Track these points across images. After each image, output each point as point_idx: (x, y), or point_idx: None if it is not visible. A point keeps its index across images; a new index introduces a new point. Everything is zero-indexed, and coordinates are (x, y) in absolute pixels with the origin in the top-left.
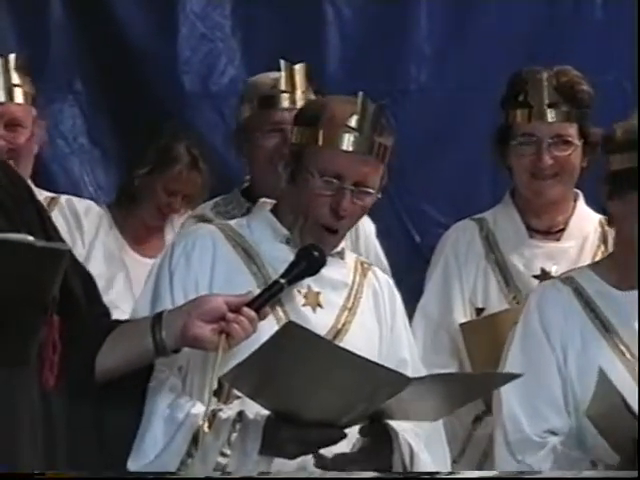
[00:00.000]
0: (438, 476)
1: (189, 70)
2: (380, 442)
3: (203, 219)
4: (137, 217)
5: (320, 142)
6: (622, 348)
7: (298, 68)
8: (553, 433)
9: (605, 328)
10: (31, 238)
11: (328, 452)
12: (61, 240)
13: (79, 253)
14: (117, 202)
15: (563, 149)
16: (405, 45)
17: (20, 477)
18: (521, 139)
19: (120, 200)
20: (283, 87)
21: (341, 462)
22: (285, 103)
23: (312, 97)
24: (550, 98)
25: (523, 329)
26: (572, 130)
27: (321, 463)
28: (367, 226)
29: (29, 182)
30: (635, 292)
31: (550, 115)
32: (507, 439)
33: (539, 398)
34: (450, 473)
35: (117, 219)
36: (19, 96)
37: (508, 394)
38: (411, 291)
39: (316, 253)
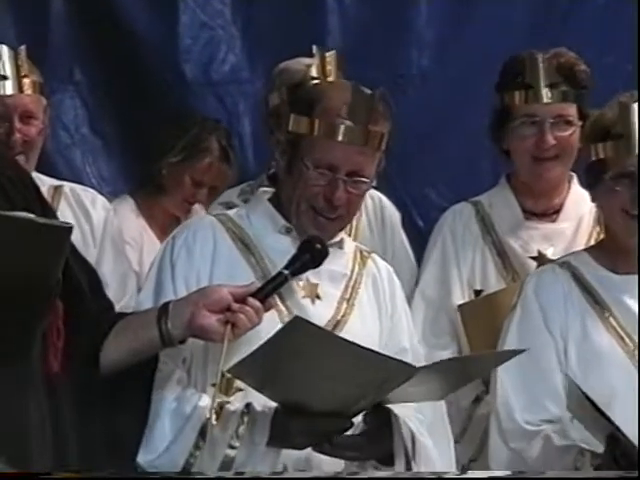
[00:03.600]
0: (446, 476)
1: (190, 58)
2: (381, 427)
3: (229, 206)
4: (161, 206)
5: (315, 132)
6: (621, 333)
7: (329, 55)
8: (550, 422)
9: (604, 312)
10: (32, 215)
11: None
12: None
13: (89, 248)
14: (142, 190)
15: (564, 129)
16: (406, 30)
17: (24, 477)
18: (522, 120)
19: (146, 188)
20: (314, 74)
21: (341, 447)
22: None
23: None
24: (550, 79)
25: (521, 315)
26: (572, 110)
27: (320, 448)
28: (394, 215)
29: (35, 173)
30: (632, 276)
31: (550, 95)
32: (500, 426)
33: (537, 387)
34: (459, 473)
35: (142, 207)
36: (29, 87)
37: (505, 383)
38: (414, 275)
39: (319, 245)
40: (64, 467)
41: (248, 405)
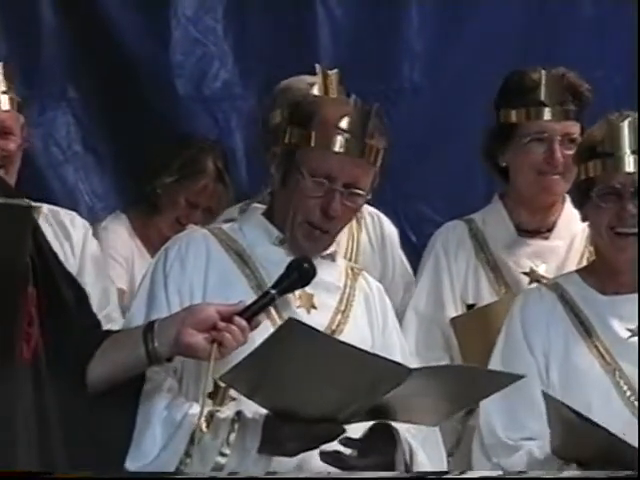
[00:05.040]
0: (446, 476)
1: (182, 74)
2: (384, 440)
3: None
4: (155, 226)
5: (312, 143)
6: (603, 352)
7: (332, 73)
8: (531, 439)
9: (587, 332)
10: None
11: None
12: (56, 257)
13: (70, 264)
14: (136, 208)
15: (570, 147)
16: (398, 44)
17: (25, 477)
18: (531, 137)
19: (140, 207)
20: (317, 92)
21: (347, 461)
22: None
23: None
24: (559, 97)
25: (505, 336)
26: (577, 128)
27: (327, 459)
28: (392, 232)
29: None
30: (618, 297)
31: (558, 113)
32: (482, 442)
33: (519, 407)
34: (460, 473)
35: (135, 226)
36: (6, 103)
37: (486, 401)
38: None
39: (307, 265)
40: (50, 468)
41: (238, 413)
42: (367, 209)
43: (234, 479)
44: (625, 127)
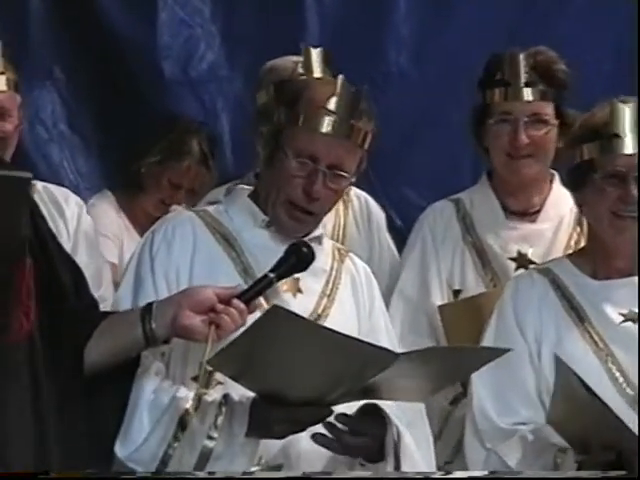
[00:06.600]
0: (433, 476)
1: (168, 56)
2: (374, 423)
3: None
4: (140, 205)
5: (299, 123)
6: (595, 338)
7: (315, 51)
8: (523, 424)
9: (580, 318)
10: None
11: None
12: (54, 237)
13: (63, 243)
14: (122, 188)
15: (539, 128)
16: (385, 29)
17: (24, 477)
18: (498, 118)
19: (125, 186)
20: (300, 71)
21: (340, 439)
22: None
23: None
24: (527, 77)
25: (496, 321)
26: (549, 109)
27: (320, 440)
28: (379, 216)
29: None
30: (611, 282)
31: (526, 94)
32: (476, 428)
33: (510, 392)
34: (445, 473)
35: (123, 204)
36: (3, 84)
37: (478, 386)
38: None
39: (305, 249)
40: (45, 466)
41: (226, 396)
42: (354, 192)
43: (213, 479)
44: (627, 110)
